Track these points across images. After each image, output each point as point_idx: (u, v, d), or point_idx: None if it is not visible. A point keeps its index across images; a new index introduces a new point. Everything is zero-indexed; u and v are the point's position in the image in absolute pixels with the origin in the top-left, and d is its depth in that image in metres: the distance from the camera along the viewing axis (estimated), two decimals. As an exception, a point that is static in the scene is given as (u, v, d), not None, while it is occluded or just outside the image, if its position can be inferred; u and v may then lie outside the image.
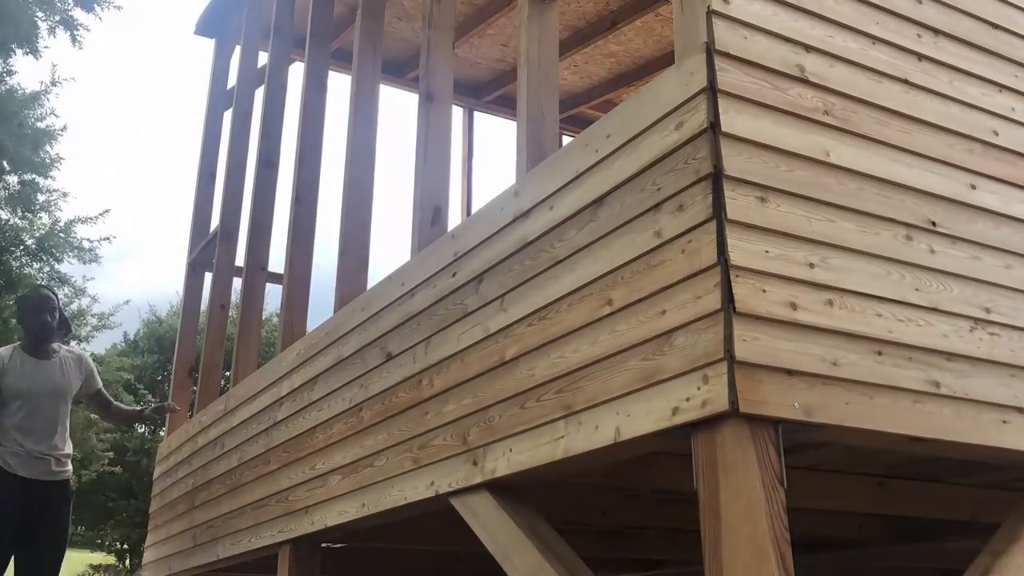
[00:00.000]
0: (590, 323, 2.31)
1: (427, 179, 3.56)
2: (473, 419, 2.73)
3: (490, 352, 2.71)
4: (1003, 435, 2.30)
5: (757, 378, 1.91)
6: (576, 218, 2.45)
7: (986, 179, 2.53)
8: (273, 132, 5.64)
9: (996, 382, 2.33)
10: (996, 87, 2.67)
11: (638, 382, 2.11)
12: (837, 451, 2.61)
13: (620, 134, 2.33)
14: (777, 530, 1.86)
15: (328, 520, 3.55)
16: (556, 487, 3.13)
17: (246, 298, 5.48)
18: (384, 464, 3.20)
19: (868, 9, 2.47)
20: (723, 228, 1.97)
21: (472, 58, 6.51)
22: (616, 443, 2.14)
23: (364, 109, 4.29)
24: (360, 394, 3.48)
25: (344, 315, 3.83)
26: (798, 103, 2.21)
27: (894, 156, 2.35)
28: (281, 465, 4.09)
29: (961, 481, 3.19)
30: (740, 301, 1.93)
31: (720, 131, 2.04)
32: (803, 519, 2.45)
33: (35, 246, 14.26)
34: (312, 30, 5.11)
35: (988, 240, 2.46)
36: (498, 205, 2.86)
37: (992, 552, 2.44)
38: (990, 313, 2.38)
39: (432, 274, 3.14)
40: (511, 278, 2.68)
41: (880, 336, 2.14)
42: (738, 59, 2.14)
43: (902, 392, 2.14)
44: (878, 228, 2.24)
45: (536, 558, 2.41)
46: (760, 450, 1.90)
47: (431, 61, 3.67)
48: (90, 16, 12.48)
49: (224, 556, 4.65)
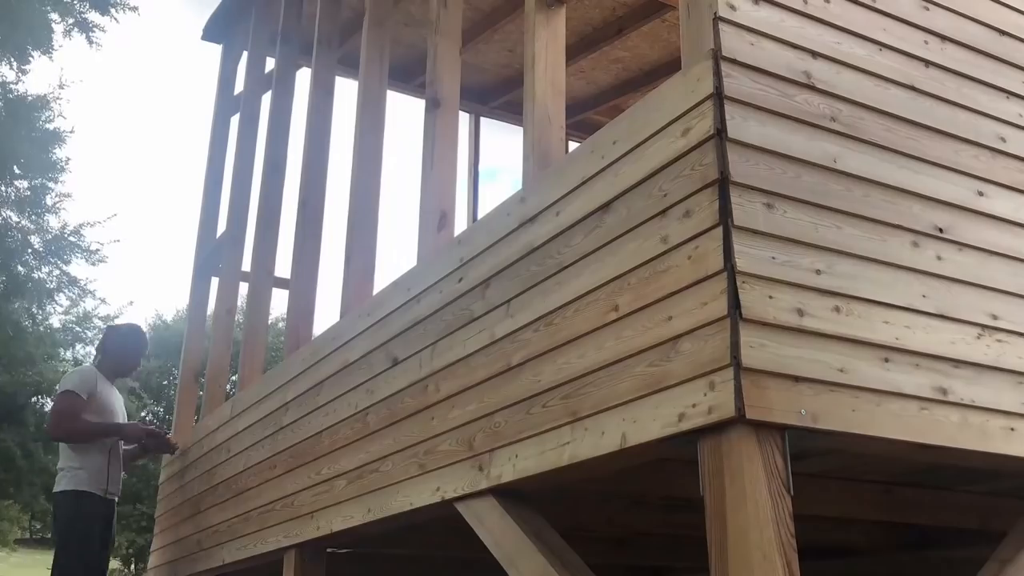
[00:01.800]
0: (596, 329, 2.31)
1: (433, 184, 3.56)
2: (479, 425, 2.73)
3: (496, 358, 2.71)
4: (1010, 442, 2.29)
5: (764, 384, 1.91)
6: (582, 224, 2.44)
7: (993, 186, 2.52)
8: (280, 137, 5.65)
9: (1003, 389, 2.32)
10: (1003, 93, 2.67)
11: (644, 388, 2.10)
12: (844, 458, 2.60)
13: (627, 140, 2.34)
14: (783, 537, 1.85)
15: (334, 525, 3.55)
16: (562, 493, 3.13)
17: (252, 303, 5.49)
18: (390, 469, 3.20)
19: (875, 16, 2.46)
20: (730, 234, 1.97)
21: (479, 64, 6.51)
22: (622, 449, 2.14)
23: (371, 114, 4.30)
24: (366, 399, 3.48)
25: (350, 320, 3.84)
26: (805, 109, 2.21)
27: (901, 163, 2.35)
28: (287, 470, 4.09)
29: (968, 489, 3.17)
30: (747, 307, 1.93)
31: (727, 137, 2.03)
32: (809, 526, 2.44)
33: (43, 249, 14.31)
34: (319, 36, 5.12)
35: (995, 247, 2.46)
36: (504, 211, 2.86)
37: (999, 560, 2.44)
38: (997, 320, 2.37)
39: (438, 279, 3.14)
40: (517, 284, 2.68)
41: (887, 343, 2.13)
42: (745, 65, 2.14)
43: (909, 399, 2.13)
44: (885, 235, 2.24)
45: (542, 564, 2.40)
46: (766, 457, 1.89)
47: (438, 67, 3.68)
48: (105, 18, 12.55)
49: (229, 561, 4.65)
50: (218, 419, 5.29)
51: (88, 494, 4.79)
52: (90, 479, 4.82)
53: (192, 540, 5.32)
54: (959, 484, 3.14)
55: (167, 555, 5.90)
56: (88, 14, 12.42)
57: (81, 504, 4.78)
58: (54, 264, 14.41)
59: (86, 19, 12.39)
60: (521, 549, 2.50)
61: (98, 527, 4.82)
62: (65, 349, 21.35)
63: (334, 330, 3.98)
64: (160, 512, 6.38)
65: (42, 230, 14.29)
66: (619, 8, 5.80)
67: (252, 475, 4.51)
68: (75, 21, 12.32)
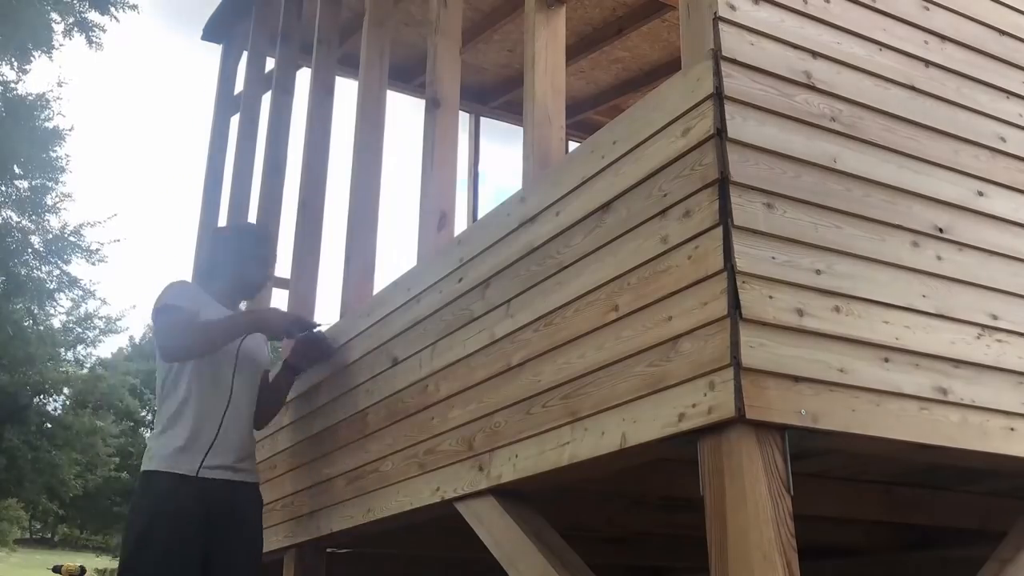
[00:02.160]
0: (596, 329, 2.31)
1: (433, 184, 3.56)
2: (479, 424, 2.73)
3: (496, 357, 2.71)
4: (1010, 442, 2.29)
5: (763, 384, 1.91)
6: (582, 224, 2.45)
7: (993, 186, 2.52)
8: (280, 137, 5.64)
9: (1003, 389, 2.32)
10: (1004, 93, 2.67)
11: (644, 388, 2.10)
12: (843, 458, 2.60)
13: (627, 140, 2.34)
14: (783, 537, 1.85)
15: (333, 525, 3.56)
16: (562, 493, 3.13)
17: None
18: (389, 469, 3.20)
19: (875, 15, 2.46)
20: (729, 234, 1.97)
21: (478, 64, 6.51)
22: (622, 449, 2.14)
23: (371, 115, 4.30)
24: (366, 399, 3.48)
25: (350, 320, 3.84)
26: (805, 109, 2.21)
27: (901, 162, 2.35)
28: (286, 470, 4.09)
29: (968, 489, 3.17)
30: (746, 307, 1.93)
31: (727, 137, 2.04)
32: (809, 526, 2.44)
33: (44, 249, 14.32)
34: (319, 36, 5.12)
35: (995, 247, 2.46)
36: (504, 211, 2.87)
37: (999, 560, 2.44)
38: (997, 320, 2.37)
39: (438, 279, 3.14)
40: (517, 284, 2.69)
41: (887, 343, 2.13)
42: (745, 65, 2.14)
43: (909, 399, 2.13)
44: (885, 235, 2.24)
45: (542, 564, 2.40)
46: (766, 457, 1.89)
47: (438, 67, 3.68)
48: (105, 17, 12.57)
49: (229, 561, 4.65)
50: (218, 419, 5.28)
51: (162, 474, 3.21)
52: (171, 452, 3.24)
53: (192, 540, 5.32)
54: (959, 484, 3.14)
55: (167, 555, 5.90)
56: (88, 14, 12.44)
57: (150, 489, 3.21)
58: (54, 264, 14.44)
59: (86, 19, 12.41)
60: (521, 549, 2.50)
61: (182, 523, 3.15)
62: (66, 350, 21.38)
63: (334, 330, 3.98)
64: (160, 512, 6.37)
65: (42, 230, 14.31)
66: (619, 8, 5.80)
67: (252, 475, 4.51)
68: (75, 21, 12.34)
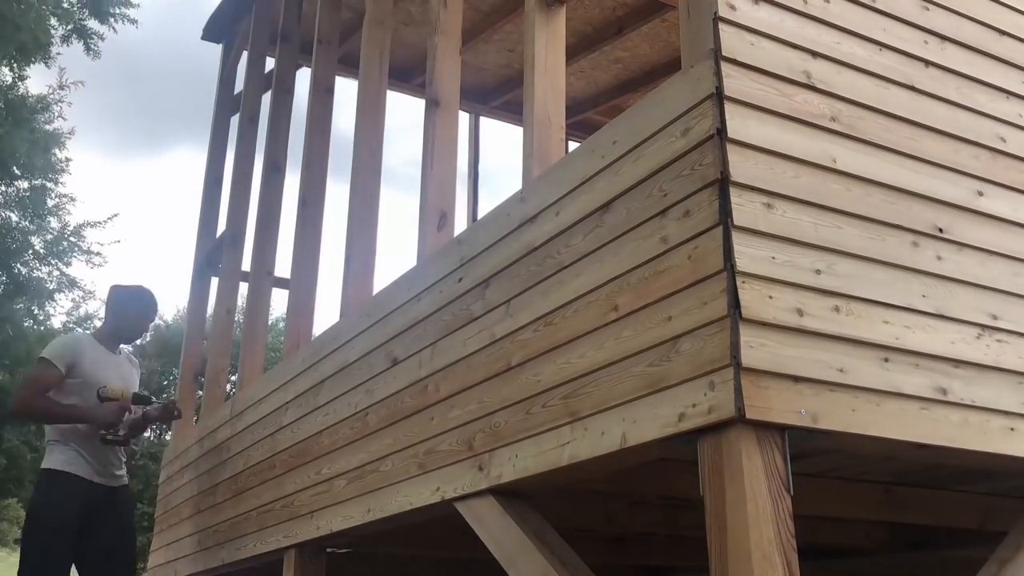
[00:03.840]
0: (596, 329, 2.31)
1: (433, 184, 3.56)
2: (479, 424, 2.73)
3: (496, 357, 2.71)
4: (1010, 442, 2.29)
5: (763, 384, 1.91)
6: (582, 224, 2.44)
7: (993, 185, 2.52)
8: (280, 137, 5.65)
9: (1003, 389, 2.32)
10: (1003, 93, 2.67)
11: (644, 388, 2.10)
12: (843, 458, 2.60)
13: (626, 140, 2.34)
14: (783, 537, 1.85)
15: (333, 525, 3.55)
16: (562, 493, 3.13)
17: (252, 303, 5.49)
18: (390, 469, 3.20)
19: (875, 15, 2.46)
20: (729, 234, 1.97)
21: (478, 63, 6.51)
22: (622, 449, 2.14)
23: (370, 114, 4.30)
24: (366, 399, 3.48)
25: (350, 320, 3.84)
26: (805, 109, 2.21)
27: (901, 162, 2.35)
28: (286, 470, 4.09)
29: (968, 489, 3.17)
30: (746, 307, 1.93)
31: (726, 137, 2.03)
32: (809, 526, 2.44)
33: (44, 250, 14.32)
34: (319, 35, 5.12)
35: (995, 247, 2.46)
36: (504, 211, 2.86)
37: (999, 560, 2.44)
38: (997, 320, 2.37)
39: (438, 279, 3.14)
40: (517, 283, 2.68)
41: (887, 343, 2.13)
42: (745, 65, 2.14)
43: (909, 399, 2.13)
44: (885, 234, 2.24)
45: (542, 564, 2.40)
46: (766, 457, 1.89)
47: (438, 66, 3.67)
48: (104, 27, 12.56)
49: (229, 561, 4.65)
50: (218, 419, 5.29)
51: (64, 475, 4.17)
52: (70, 458, 4.20)
53: (192, 540, 5.32)
54: (959, 484, 3.14)
55: (167, 555, 5.91)
56: (87, 21, 12.44)
57: (53, 487, 4.17)
58: (54, 265, 14.44)
59: (85, 26, 12.40)
60: (521, 549, 2.50)
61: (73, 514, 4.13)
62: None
63: (334, 330, 3.98)
64: (160, 512, 6.38)
65: (43, 231, 14.31)
66: (619, 8, 5.81)
67: (252, 475, 4.51)
68: (74, 27, 12.34)
